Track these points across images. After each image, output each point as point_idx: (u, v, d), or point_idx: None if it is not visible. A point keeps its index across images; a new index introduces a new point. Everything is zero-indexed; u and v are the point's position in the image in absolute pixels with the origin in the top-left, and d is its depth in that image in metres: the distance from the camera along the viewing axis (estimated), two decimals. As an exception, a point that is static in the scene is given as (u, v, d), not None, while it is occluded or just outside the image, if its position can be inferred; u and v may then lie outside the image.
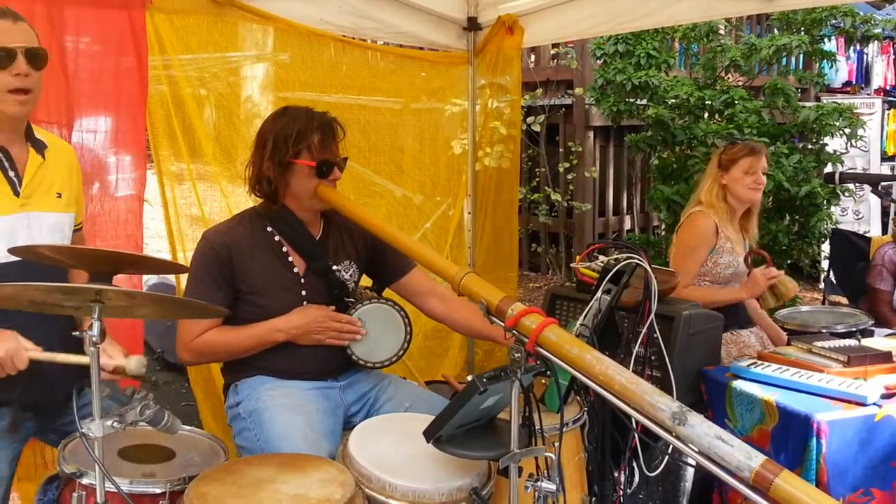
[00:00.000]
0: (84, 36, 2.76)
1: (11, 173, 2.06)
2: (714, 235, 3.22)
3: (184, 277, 3.07)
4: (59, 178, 2.17)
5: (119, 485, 1.72)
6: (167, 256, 3.10)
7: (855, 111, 5.84)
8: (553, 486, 1.83)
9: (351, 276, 2.54)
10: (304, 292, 2.45)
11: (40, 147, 2.14)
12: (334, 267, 2.49)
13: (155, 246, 4.54)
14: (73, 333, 1.82)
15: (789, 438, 2.39)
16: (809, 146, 5.63)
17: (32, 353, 1.91)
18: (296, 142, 2.36)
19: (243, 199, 3.05)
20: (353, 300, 2.49)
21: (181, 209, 3.14)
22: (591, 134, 7.10)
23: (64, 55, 2.68)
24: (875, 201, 7.38)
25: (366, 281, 2.69)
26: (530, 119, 6.72)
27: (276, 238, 2.45)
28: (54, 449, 2.26)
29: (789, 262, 5.70)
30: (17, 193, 2.05)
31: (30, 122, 2.15)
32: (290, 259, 2.45)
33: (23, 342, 1.91)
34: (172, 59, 3.00)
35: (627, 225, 7.64)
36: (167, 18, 2.95)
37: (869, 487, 2.35)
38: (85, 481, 1.83)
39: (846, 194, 5.82)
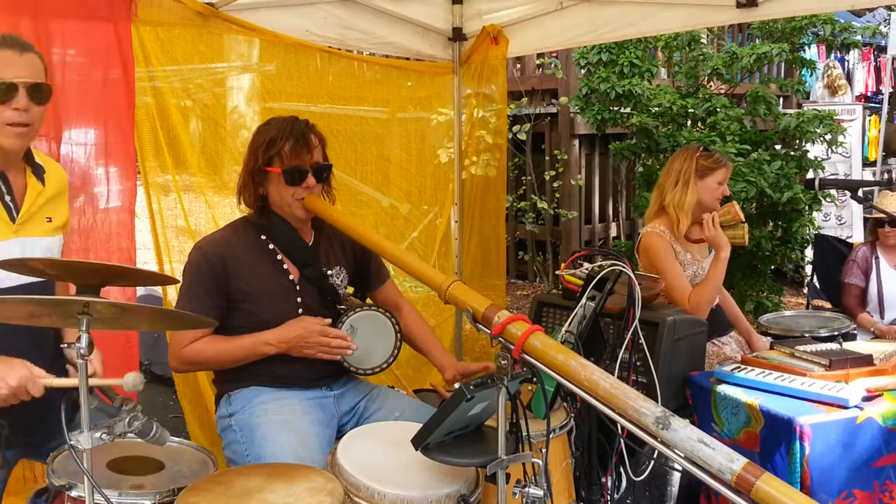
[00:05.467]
0: (70, 48, 2.76)
1: (8, 198, 2.01)
2: (669, 244, 3.17)
3: (171, 289, 3.08)
4: (52, 203, 2.14)
5: (108, 497, 1.71)
6: (154, 268, 3.10)
7: (836, 118, 5.91)
8: (540, 492, 1.84)
9: (342, 281, 2.55)
10: (298, 299, 2.45)
11: (40, 173, 2.10)
12: (328, 273, 2.50)
13: (142, 257, 4.52)
14: (61, 346, 1.83)
15: (777, 441, 2.42)
16: (791, 153, 5.69)
17: (46, 380, 1.84)
18: (266, 150, 2.38)
19: (229, 210, 3.06)
20: (343, 307, 2.50)
21: (167, 220, 3.14)
22: (576, 142, 7.15)
23: (51, 67, 2.67)
24: (857, 207, 7.46)
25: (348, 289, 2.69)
26: (516, 128, 6.76)
27: (270, 246, 2.45)
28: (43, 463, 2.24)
29: (773, 267, 5.76)
30: (13, 220, 2.01)
31: (29, 147, 2.08)
32: (285, 266, 2.46)
33: (34, 370, 1.84)
34: (157, 71, 3.01)
35: (613, 232, 7.68)
36: (152, 30, 2.96)
37: (852, 489, 2.39)
38: (74, 494, 1.82)
39: (828, 200, 5.88)
